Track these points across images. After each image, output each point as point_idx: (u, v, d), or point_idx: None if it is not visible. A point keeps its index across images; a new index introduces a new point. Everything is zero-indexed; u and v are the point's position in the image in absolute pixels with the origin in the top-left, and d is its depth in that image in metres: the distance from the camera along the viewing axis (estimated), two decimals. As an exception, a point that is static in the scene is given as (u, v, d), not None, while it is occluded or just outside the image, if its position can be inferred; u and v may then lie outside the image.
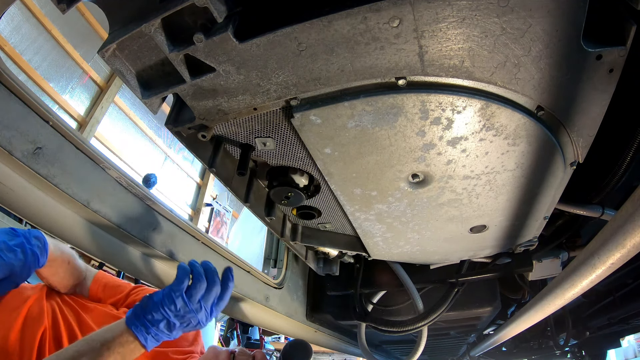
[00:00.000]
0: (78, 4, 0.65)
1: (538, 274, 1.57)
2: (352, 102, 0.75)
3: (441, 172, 0.93)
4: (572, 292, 1.13)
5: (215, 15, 0.60)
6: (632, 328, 2.72)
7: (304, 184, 1.07)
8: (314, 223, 1.34)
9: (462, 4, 0.58)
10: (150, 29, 0.63)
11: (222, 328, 4.53)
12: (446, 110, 0.76)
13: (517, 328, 1.81)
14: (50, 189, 0.84)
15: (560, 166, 0.91)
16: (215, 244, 1.36)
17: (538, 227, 1.24)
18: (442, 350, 3.73)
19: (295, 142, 0.92)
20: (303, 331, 2.08)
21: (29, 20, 3.90)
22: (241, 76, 0.72)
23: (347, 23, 0.61)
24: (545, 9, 0.58)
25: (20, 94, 0.77)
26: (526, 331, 1.98)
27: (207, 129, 0.86)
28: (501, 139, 0.82)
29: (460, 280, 1.61)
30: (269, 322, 1.77)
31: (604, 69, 0.67)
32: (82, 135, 1.12)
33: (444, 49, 0.65)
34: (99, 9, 0.69)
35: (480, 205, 1.06)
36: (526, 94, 0.73)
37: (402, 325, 1.69)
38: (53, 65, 4.17)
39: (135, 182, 1.04)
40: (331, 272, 1.68)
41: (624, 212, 0.75)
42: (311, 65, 0.69)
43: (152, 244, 1.09)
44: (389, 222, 1.17)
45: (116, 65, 0.71)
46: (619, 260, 0.83)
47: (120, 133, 5.21)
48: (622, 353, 6.65)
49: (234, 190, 1.04)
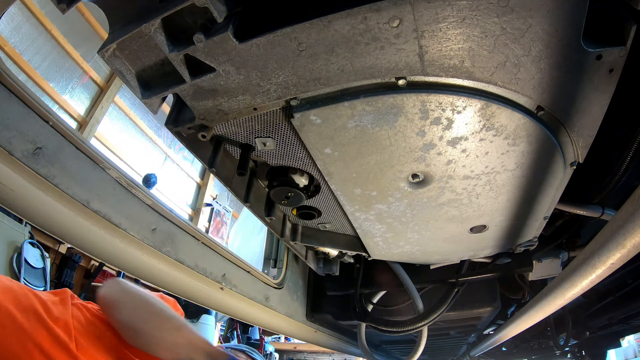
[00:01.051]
0: (78, 4, 0.65)
1: (538, 274, 1.57)
2: (352, 102, 0.75)
3: (441, 172, 0.93)
4: (572, 292, 1.13)
5: (215, 15, 0.60)
6: (632, 328, 2.72)
7: (304, 184, 1.07)
8: (314, 223, 1.34)
9: (462, 4, 0.58)
10: (150, 29, 0.63)
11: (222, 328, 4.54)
12: (446, 110, 0.76)
13: (517, 328, 1.81)
14: (50, 189, 0.84)
15: (560, 166, 0.91)
16: (215, 244, 1.36)
17: (538, 227, 1.24)
18: (442, 350, 3.73)
19: (295, 142, 0.92)
20: (303, 331, 2.08)
21: (29, 20, 3.89)
22: (241, 76, 0.72)
23: (347, 23, 0.61)
24: (545, 9, 0.58)
25: (20, 94, 0.77)
26: (526, 331, 1.98)
27: (207, 129, 0.86)
28: (501, 139, 0.82)
29: (460, 280, 1.61)
30: (269, 322, 1.77)
31: (604, 69, 0.67)
32: (82, 135, 1.13)
33: (444, 49, 0.65)
34: (99, 9, 0.69)
35: (480, 205, 1.06)
36: (526, 94, 0.73)
37: (402, 325, 1.69)
38: (53, 65, 4.17)
39: (135, 182, 1.04)
40: (331, 272, 1.68)
41: (624, 212, 0.75)
42: (311, 65, 0.69)
43: (152, 244, 1.09)
44: (389, 222, 1.17)
45: (116, 65, 0.71)
46: (619, 260, 0.82)
47: (120, 133, 5.21)
48: (622, 353, 6.65)
49: (234, 190, 1.04)
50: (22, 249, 2.52)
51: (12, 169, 0.77)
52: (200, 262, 1.26)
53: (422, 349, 1.86)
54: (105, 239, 0.99)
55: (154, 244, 1.09)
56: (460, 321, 2.20)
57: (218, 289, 1.36)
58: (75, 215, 0.92)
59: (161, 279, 1.17)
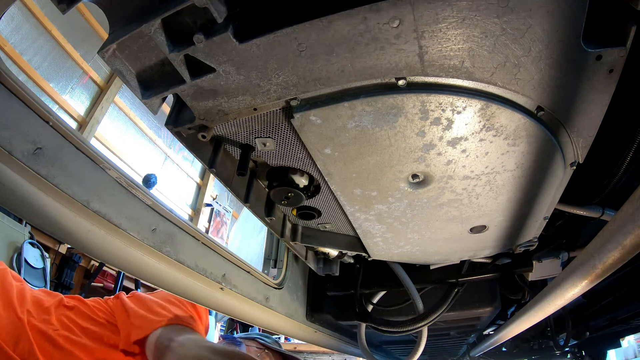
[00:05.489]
0: (78, 4, 0.65)
1: (538, 274, 1.57)
2: (352, 103, 0.75)
3: (441, 173, 0.93)
4: (572, 292, 1.13)
5: (215, 15, 0.60)
6: (632, 328, 2.72)
7: (304, 184, 1.07)
8: (314, 223, 1.34)
9: (462, 5, 0.58)
10: (151, 29, 0.63)
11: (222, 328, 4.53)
12: (446, 110, 0.76)
13: (517, 328, 1.81)
14: (50, 189, 0.84)
15: (560, 166, 0.91)
16: (215, 244, 1.36)
17: (538, 228, 1.24)
18: (442, 351, 3.73)
19: (295, 142, 0.92)
20: (303, 331, 2.08)
21: (29, 20, 3.90)
22: (241, 76, 0.72)
23: (347, 23, 0.61)
24: (545, 9, 0.58)
25: (20, 94, 0.77)
26: (526, 331, 1.98)
27: (207, 129, 0.86)
28: (501, 140, 0.82)
29: (460, 281, 1.61)
30: (269, 323, 1.77)
31: (604, 70, 0.67)
32: (82, 136, 1.12)
33: (444, 49, 0.65)
34: (99, 9, 0.69)
35: (480, 205, 1.06)
36: (526, 94, 0.73)
37: (402, 325, 1.69)
38: (53, 65, 4.17)
39: (135, 182, 1.04)
40: (331, 273, 1.68)
41: (624, 212, 0.75)
42: (311, 65, 0.69)
43: (152, 244, 1.09)
44: (389, 222, 1.17)
45: (116, 65, 0.71)
46: (619, 260, 0.82)
47: (120, 133, 5.21)
48: (622, 353, 6.64)
49: (234, 191, 1.04)
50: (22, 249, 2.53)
51: (12, 169, 0.77)
52: (200, 262, 1.26)
53: (422, 349, 1.86)
54: (105, 239, 0.99)
55: (154, 244, 1.09)
56: (460, 321, 2.20)
57: (218, 289, 1.35)
58: (75, 216, 0.92)
59: (161, 279, 1.17)
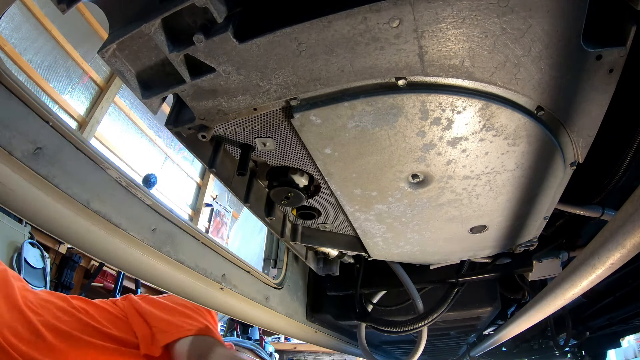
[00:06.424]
0: (78, 4, 0.65)
1: (538, 274, 1.57)
2: (352, 103, 0.75)
3: (441, 173, 0.93)
4: (572, 292, 1.13)
5: (215, 15, 0.60)
6: (632, 328, 2.72)
7: (304, 184, 1.07)
8: (314, 223, 1.34)
9: (462, 4, 0.58)
10: (151, 29, 0.63)
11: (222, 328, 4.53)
12: (446, 110, 0.76)
13: (517, 328, 1.81)
14: (50, 189, 0.84)
15: (560, 166, 0.91)
16: (215, 244, 1.36)
17: (538, 228, 1.24)
18: (442, 351, 3.72)
19: (295, 142, 0.92)
20: (303, 331, 2.08)
21: (29, 20, 3.90)
22: (241, 76, 0.72)
23: (347, 23, 0.61)
24: (545, 9, 0.58)
25: (20, 94, 0.77)
26: (526, 331, 1.98)
27: (207, 129, 0.86)
28: (501, 139, 0.82)
29: (460, 281, 1.61)
30: (269, 323, 1.77)
31: (604, 69, 0.67)
32: (82, 136, 1.12)
33: (444, 49, 0.65)
34: (99, 9, 0.69)
35: (480, 205, 1.06)
36: (526, 94, 0.73)
37: (402, 325, 1.69)
38: (53, 65, 4.17)
39: (135, 182, 1.04)
40: (331, 273, 1.68)
41: (624, 212, 0.75)
42: (311, 65, 0.69)
43: (152, 244, 1.09)
44: (389, 222, 1.17)
45: (116, 65, 0.71)
46: (619, 260, 0.82)
47: (120, 133, 5.21)
48: (622, 353, 6.63)
49: (234, 191, 1.04)
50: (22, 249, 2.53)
51: (12, 169, 0.77)
52: (200, 262, 1.26)
53: (422, 349, 1.86)
54: (105, 239, 0.99)
55: (154, 244, 1.09)
56: (460, 321, 2.20)
57: (218, 289, 1.35)
58: (75, 216, 0.92)
59: (161, 279, 1.17)
